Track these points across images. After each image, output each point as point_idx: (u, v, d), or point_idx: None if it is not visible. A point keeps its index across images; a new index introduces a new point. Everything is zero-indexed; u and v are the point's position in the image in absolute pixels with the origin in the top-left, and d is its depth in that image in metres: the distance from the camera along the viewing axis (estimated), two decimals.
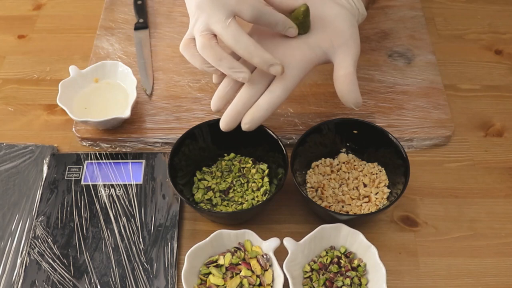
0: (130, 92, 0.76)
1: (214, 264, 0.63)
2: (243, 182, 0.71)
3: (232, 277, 0.62)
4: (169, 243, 0.67)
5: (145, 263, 0.65)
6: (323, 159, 0.72)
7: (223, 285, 0.61)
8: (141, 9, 0.90)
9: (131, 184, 0.72)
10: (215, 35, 0.63)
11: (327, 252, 0.64)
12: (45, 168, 0.73)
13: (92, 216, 0.69)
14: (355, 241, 0.64)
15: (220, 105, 0.67)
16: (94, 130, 0.76)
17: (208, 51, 0.63)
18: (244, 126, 0.65)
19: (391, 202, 0.65)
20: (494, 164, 0.75)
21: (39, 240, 0.67)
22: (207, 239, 0.63)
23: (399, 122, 0.76)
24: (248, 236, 0.64)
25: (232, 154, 0.73)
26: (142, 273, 0.65)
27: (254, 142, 0.71)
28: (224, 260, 0.63)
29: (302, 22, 0.66)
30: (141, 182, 0.72)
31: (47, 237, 0.67)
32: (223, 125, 0.66)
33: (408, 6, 0.91)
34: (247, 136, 0.70)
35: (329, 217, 0.66)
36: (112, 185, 0.72)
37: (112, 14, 0.90)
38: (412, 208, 0.71)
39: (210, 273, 0.62)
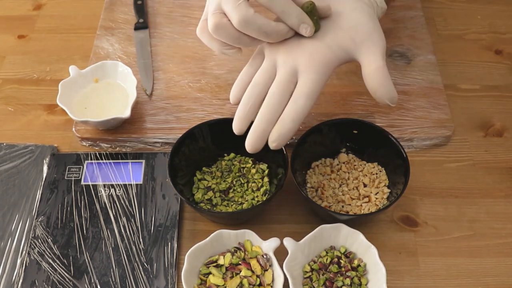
0: (130, 92, 0.76)
1: (214, 264, 0.63)
2: (243, 182, 0.71)
3: (232, 277, 0.62)
4: (169, 243, 0.67)
5: (145, 263, 0.65)
6: (323, 159, 0.72)
7: (223, 285, 0.61)
8: (141, 9, 0.90)
9: (131, 184, 0.72)
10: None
11: (327, 252, 0.64)
12: (45, 168, 0.73)
13: (92, 216, 0.69)
14: (355, 241, 0.64)
15: (243, 127, 0.62)
16: (94, 130, 0.76)
17: (222, 31, 0.60)
18: (272, 145, 0.60)
19: (391, 202, 0.65)
20: (494, 164, 0.75)
21: (39, 240, 0.67)
22: (207, 239, 0.63)
23: (399, 122, 0.76)
24: (248, 236, 0.64)
25: (232, 154, 0.73)
26: (142, 273, 0.65)
27: None
28: (224, 260, 0.63)
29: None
30: (141, 182, 0.72)
31: (47, 237, 0.67)
32: (249, 147, 0.61)
33: (408, 6, 0.91)
34: (247, 136, 0.70)
35: (329, 217, 0.66)
36: (112, 185, 0.72)
37: (112, 14, 0.90)
38: (412, 208, 0.71)
39: (210, 273, 0.62)
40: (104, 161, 0.74)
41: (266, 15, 0.60)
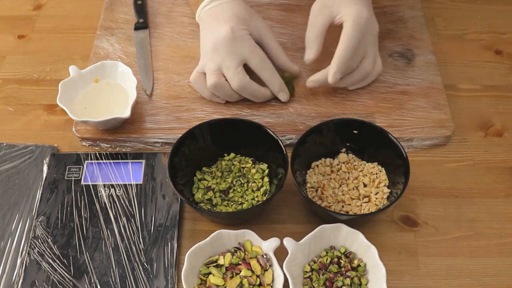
0: (130, 92, 0.76)
1: (214, 264, 0.63)
2: (243, 182, 0.71)
3: (232, 277, 0.62)
4: (169, 243, 0.67)
5: (145, 263, 0.65)
6: (323, 159, 0.72)
7: (223, 285, 0.61)
8: (141, 9, 0.90)
9: (131, 184, 0.72)
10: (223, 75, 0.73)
11: (327, 252, 0.64)
12: (45, 168, 0.73)
13: (92, 216, 0.69)
14: (355, 241, 0.64)
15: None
16: (94, 130, 0.76)
17: (220, 89, 0.74)
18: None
19: (391, 202, 0.65)
20: (494, 164, 0.75)
21: (39, 240, 0.67)
22: (207, 239, 0.63)
23: (399, 122, 0.76)
24: (248, 236, 0.64)
25: (232, 154, 0.73)
26: (142, 273, 0.65)
27: (254, 142, 0.71)
28: (224, 260, 0.63)
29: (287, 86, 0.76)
30: (141, 182, 0.72)
31: (47, 237, 0.67)
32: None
33: (408, 6, 0.91)
34: (247, 136, 0.71)
35: (329, 217, 0.66)
36: (112, 185, 0.72)
37: (112, 14, 0.90)
38: (412, 208, 0.71)
39: (210, 273, 0.62)
40: (104, 161, 0.74)
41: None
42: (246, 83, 0.73)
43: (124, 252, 0.66)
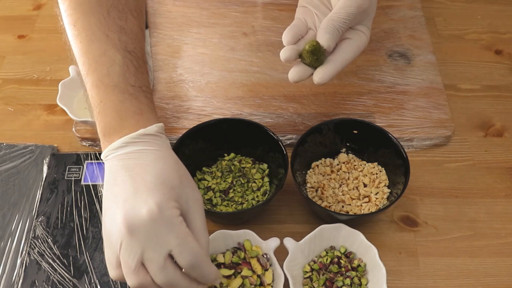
0: None
1: (215, 264, 0.63)
2: (243, 182, 0.71)
3: (232, 276, 0.62)
4: None
5: None
6: (323, 159, 0.72)
7: (225, 285, 0.61)
8: None
9: None
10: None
11: (327, 252, 0.64)
12: (45, 168, 0.73)
13: (92, 216, 0.69)
14: (355, 241, 0.64)
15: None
16: (94, 130, 0.75)
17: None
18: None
19: (391, 202, 0.65)
20: (494, 164, 0.75)
21: (39, 240, 0.67)
22: None
23: (399, 122, 0.76)
24: (248, 236, 0.64)
25: (232, 154, 0.73)
26: None
27: (254, 142, 0.71)
28: (225, 258, 0.63)
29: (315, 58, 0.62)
30: None
31: (47, 237, 0.67)
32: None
33: (408, 6, 0.91)
34: (247, 136, 0.71)
35: (329, 217, 0.66)
36: None
37: None
38: (412, 208, 0.71)
39: None
40: None
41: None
42: (177, 279, 0.52)
43: None
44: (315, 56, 0.61)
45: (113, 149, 0.54)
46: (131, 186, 0.51)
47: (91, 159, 0.74)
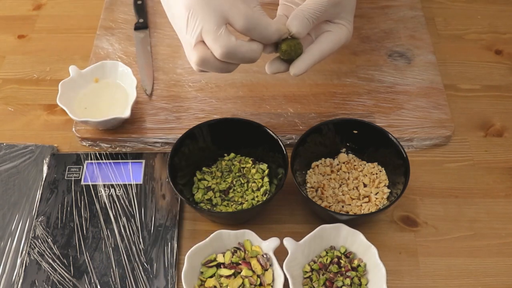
0: (130, 92, 0.76)
1: (215, 263, 0.63)
2: (243, 182, 0.71)
3: (232, 276, 0.62)
4: (169, 243, 0.67)
5: (145, 263, 0.65)
6: (323, 159, 0.72)
7: (225, 286, 0.61)
8: (141, 9, 0.90)
9: (131, 184, 0.72)
10: None
11: (327, 252, 0.64)
12: (45, 168, 0.73)
13: (92, 216, 0.69)
14: (355, 241, 0.64)
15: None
16: (94, 130, 0.76)
17: (205, 66, 0.58)
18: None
19: (391, 202, 0.65)
20: (494, 164, 0.75)
21: (39, 240, 0.67)
22: (207, 239, 0.63)
23: (399, 122, 0.76)
24: (248, 236, 0.64)
25: (232, 154, 0.73)
26: (142, 273, 0.65)
27: (254, 142, 0.71)
28: (224, 258, 0.63)
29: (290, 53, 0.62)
30: (141, 182, 0.72)
31: (47, 237, 0.67)
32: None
33: (408, 6, 0.91)
34: (247, 136, 0.71)
35: (329, 217, 0.66)
36: (112, 185, 0.72)
37: (112, 14, 0.90)
38: (412, 208, 0.71)
39: (213, 275, 0.62)
40: (104, 161, 0.74)
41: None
42: (232, 46, 0.56)
43: (124, 252, 0.66)
44: (291, 54, 0.61)
45: None
46: None
47: (91, 159, 0.74)
